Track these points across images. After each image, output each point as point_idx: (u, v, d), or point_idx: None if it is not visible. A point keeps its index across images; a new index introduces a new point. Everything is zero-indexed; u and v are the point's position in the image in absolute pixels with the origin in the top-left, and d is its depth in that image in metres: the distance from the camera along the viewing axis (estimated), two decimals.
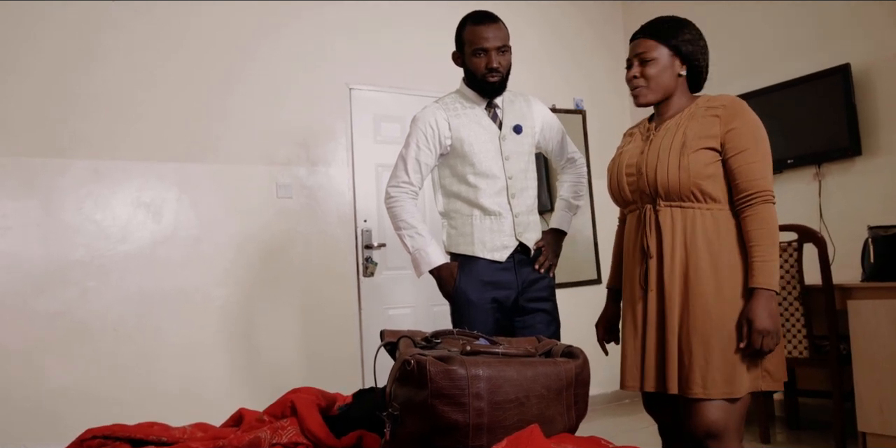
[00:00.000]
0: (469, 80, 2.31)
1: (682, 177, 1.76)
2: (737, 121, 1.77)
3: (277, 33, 3.63)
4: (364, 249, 3.71)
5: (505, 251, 2.27)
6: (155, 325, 3.19)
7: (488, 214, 2.27)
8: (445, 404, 1.32)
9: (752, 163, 1.75)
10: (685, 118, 1.83)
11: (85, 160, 3.13)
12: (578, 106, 4.61)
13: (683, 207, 1.79)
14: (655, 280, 1.82)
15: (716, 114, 1.79)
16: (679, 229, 1.79)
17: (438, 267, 2.26)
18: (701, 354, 1.72)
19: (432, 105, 2.34)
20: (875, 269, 3.09)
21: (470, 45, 2.25)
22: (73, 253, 3.07)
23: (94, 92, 3.18)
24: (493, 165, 2.27)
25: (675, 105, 1.90)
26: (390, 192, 2.32)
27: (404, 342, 1.51)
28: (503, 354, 1.44)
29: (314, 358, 3.52)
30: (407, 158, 2.30)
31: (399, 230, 2.30)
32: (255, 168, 3.50)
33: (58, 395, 2.94)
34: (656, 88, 1.87)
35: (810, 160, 3.73)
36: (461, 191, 2.29)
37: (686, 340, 1.75)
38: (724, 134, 1.76)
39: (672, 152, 1.78)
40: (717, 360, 1.71)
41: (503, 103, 2.35)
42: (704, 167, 1.76)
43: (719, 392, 1.71)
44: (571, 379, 1.46)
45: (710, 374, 1.71)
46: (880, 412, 2.89)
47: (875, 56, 3.52)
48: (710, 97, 1.86)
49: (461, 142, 2.27)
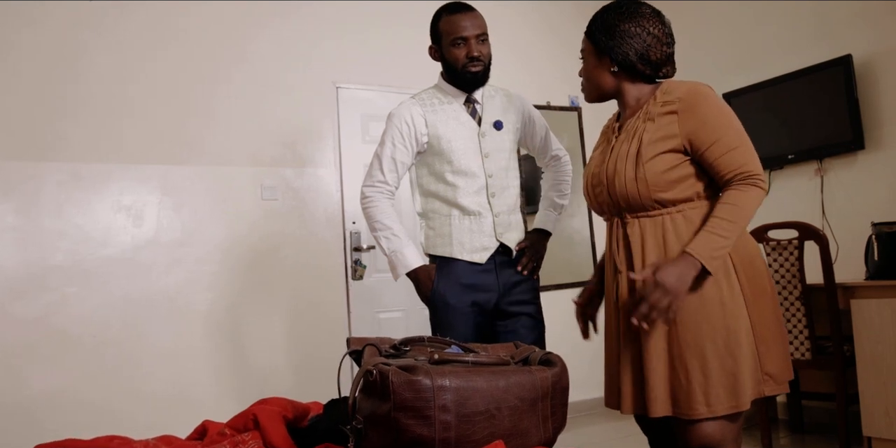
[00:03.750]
0: (448, 73, 2.22)
1: (641, 189, 1.62)
2: (696, 113, 1.60)
3: (263, 32, 3.55)
4: (353, 252, 3.62)
5: (485, 252, 2.18)
6: (138, 330, 3.12)
7: (467, 214, 2.18)
8: (409, 417, 1.24)
9: (728, 152, 1.58)
10: (642, 119, 1.67)
11: (64, 163, 3.06)
12: (574, 103, 4.52)
13: (651, 216, 1.66)
14: (628, 296, 1.68)
15: (671, 110, 1.62)
16: (650, 240, 1.65)
17: (415, 269, 2.17)
18: (698, 369, 1.57)
19: (408, 100, 2.25)
20: (879, 266, 3.00)
21: (448, 36, 2.16)
22: (52, 258, 2.99)
23: (75, 93, 3.11)
24: (472, 163, 2.18)
25: (633, 100, 1.74)
26: (365, 191, 2.23)
27: (369, 350, 1.43)
28: (473, 363, 1.35)
29: (302, 363, 3.44)
30: (382, 157, 2.21)
31: (375, 231, 2.22)
32: (240, 169, 3.42)
33: (38, 401, 2.88)
34: (592, 87, 1.77)
35: (812, 155, 3.63)
36: (439, 190, 2.20)
37: (679, 357, 1.59)
38: (686, 132, 1.60)
39: (628, 163, 1.64)
40: (717, 372, 1.57)
41: (483, 99, 2.26)
42: (664, 173, 1.61)
43: (724, 407, 1.56)
44: (547, 388, 1.37)
45: (713, 389, 1.56)
46: (886, 415, 2.79)
47: (877, 47, 3.42)
48: (667, 87, 1.68)
49: (438, 139, 2.18)
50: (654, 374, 1.61)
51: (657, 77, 1.74)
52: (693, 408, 1.57)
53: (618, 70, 1.72)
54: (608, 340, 1.80)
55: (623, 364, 1.69)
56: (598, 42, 1.72)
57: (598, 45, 1.72)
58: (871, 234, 3.08)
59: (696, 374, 1.58)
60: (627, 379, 1.68)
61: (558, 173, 2.45)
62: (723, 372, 1.57)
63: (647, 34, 1.68)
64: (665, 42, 1.70)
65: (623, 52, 1.68)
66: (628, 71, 1.71)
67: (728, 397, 1.56)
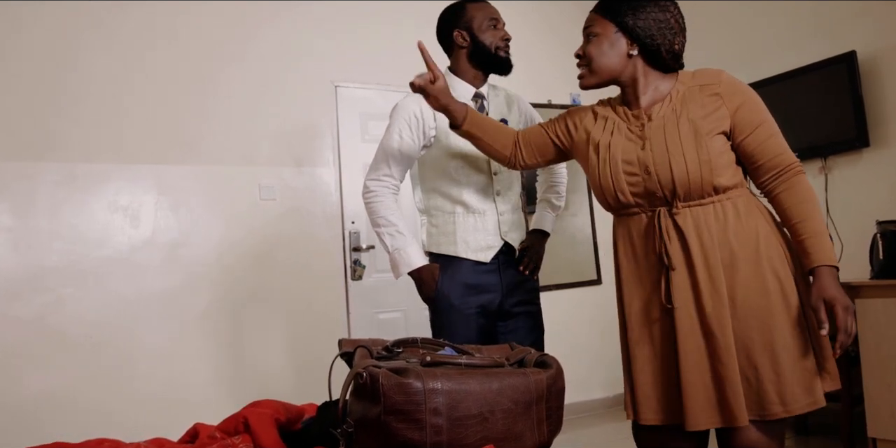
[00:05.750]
0: (478, 57, 2.16)
1: (704, 171, 1.50)
2: (740, 96, 1.55)
3: (260, 31, 3.53)
4: (352, 252, 3.59)
5: (490, 251, 2.14)
6: (134, 331, 3.09)
7: (472, 212, 2.13)
8: (400, 421, 1.21)
9: (769, 137, 1.54)
10: (679, 102, 1.57)
11: (60, 163, 3.04)
12: (575, 101, 4.48)
13: (703, 205, 1.54)
14: (690, 294, 1.54)
15: (715, 92, 1.55)
16: (706, 232, 1.53)
17: (419, 268, 2.11)
18: (769, 367, 1.47)
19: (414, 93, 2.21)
20: (884, 265, 2.96)
21: (483, 18, 2.13)
22: (48, 258, 2.97)
23: (70, 93, 3.09)
24: (479, 160, 2.14)
25: (649, 88, 1.63)
26: (369, 185, 2.15)
27: (360, 352, 1.39)
28: (466, 365, 1.31)
29: (300, 364, 3.41)
30: (388, 150, 2.12)
31: (377, 227, 2.14)
32: (238, 169, 3.40)
33: (34, 403, 2.86)
34: (597, 70, 1.64)
35: (815, 153, 3.58)
36: (443, 186, 2.15)
37: (746, 356, 1.50)
38: (733, 113, 1.53)
39: (685, 143, 1.52)
40: (789, 369, 1.47)
41: (488, 95, 2.23)
42: (720, 156, 1.52)
43: (802, 405, 1.47)
44: (542, 391, 1.33)
45: (788, 387, 1.47)
46: (892, 417, 2.75)
47: (881, 43, 3.38)
48: (695, 74, 1.62)
49: (446, 133, 2.12)
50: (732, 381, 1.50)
51: (670, 68, 1.66)
52: (767, 409, 1.48)
53: (637, 53, 1.61)
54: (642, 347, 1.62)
55: (687, 373, 1.52)
56: (621, 21, 1.60)
57: (621, 24, 1.60)
58: (876, 232, 3.03)
59: (767, 372, 1.48)
60: (699, 389, 1.52)
61: (555, 175, 2.42)
62: (795, 368, 1.48)
63: (673, 21, 1.61)
64: (683, 34, 1.65)
65: (650, 34, 1.59)
66: (649, 55, 1.62)
67: (805, 394, 1.48)
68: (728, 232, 1.54)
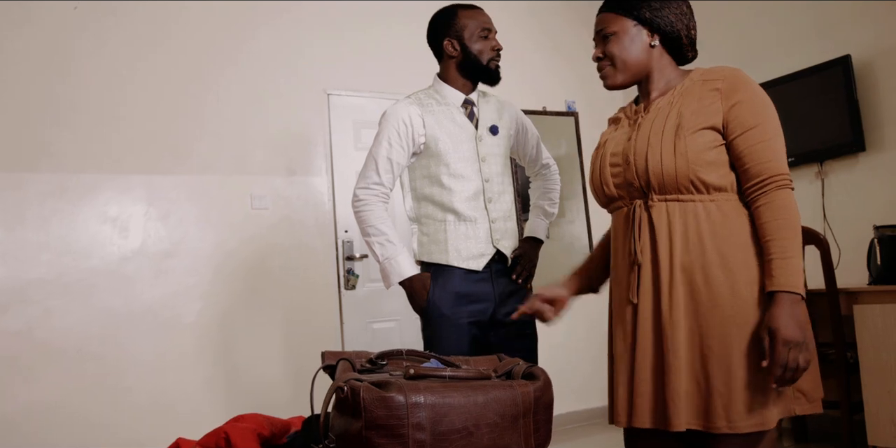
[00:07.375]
0: (466, 67, 2.14)
1: (679, 163, 1.46)
2: (740, 93, 1.49)
3: (252, 38, 3.51)
4: (345, 261, 3.56)
5: (482, 259, 2.10)
6: (123, 343, 3.06)
7: (463, 220, 2.10)
8: (382, 436, 1.17)
9: (762, 142, 1.46)
10: (678, 95, 1.55)
11: (49, 174, 3.01)
12: (570, 108, 4.46)
13: (682, 201, 1.49)
14: (651, 291, 1.50)
15: (715, 87, 1.51)
16: (678, 228, 1.48)
17: (410, 278, 2.09)
18: (721, 379, 1.41)
19: (404, 100, 2.18)
20: (882, 271, 2.93)
21: (475, 27, 2.12)
22: (35, 270, 2.94)
23: (59, 102, 3.06)
24: (469, 167, 2.11)
25: (662, 81, 1.62)
26: (359, 194, 2.13)
27: (342, 365, 1.36)
28: (450, 378, 1.28)
29: (293, 375, 3.37)
30: (378, 157, 2.11)
31: (367, 237, 2.12)
32: (230, 178, 3.37)
33: (22, 415, 2.82)
34: (623, 67, 1.61)
35: (812, 158, 3.56)
36: (434, 193, 2.12)
37: (701, 363, 1.44)
38: (726, 110, 1.48)
39: (665, 135, 1.49)
40: (740, 384, 1.41)
41: (478, 102, 2.20)
42: (704, 152, 1.47)
43: (746, 424, 1.40)
44: (530, 404, 1.30)
45: (734, 403, 1.40)
46: (892, 424, 2.71)
47: (877, 46, 3.36)
48: (707, 70, 1.59)
49: (436, 140, 2.10)
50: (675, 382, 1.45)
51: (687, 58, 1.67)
52: (712, 421, 1.42)
53: (657, 44, 1.61)
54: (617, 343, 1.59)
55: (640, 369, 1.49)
56: (638, 14, 1.58)
57: (638, 17, 1.58)
58: (874, 237, 3.01)
59: (718, 384, 1.41)
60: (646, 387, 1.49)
61: (548, 182, 2.39)
62: (748, 385, 1.41)
63: (685, 6, 1.63)
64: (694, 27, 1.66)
65: (669, 22, 1.58)
66: (670, 44, 1.62)
67: (751, 414, 1.41)
68: (704, 234, 1.47)
